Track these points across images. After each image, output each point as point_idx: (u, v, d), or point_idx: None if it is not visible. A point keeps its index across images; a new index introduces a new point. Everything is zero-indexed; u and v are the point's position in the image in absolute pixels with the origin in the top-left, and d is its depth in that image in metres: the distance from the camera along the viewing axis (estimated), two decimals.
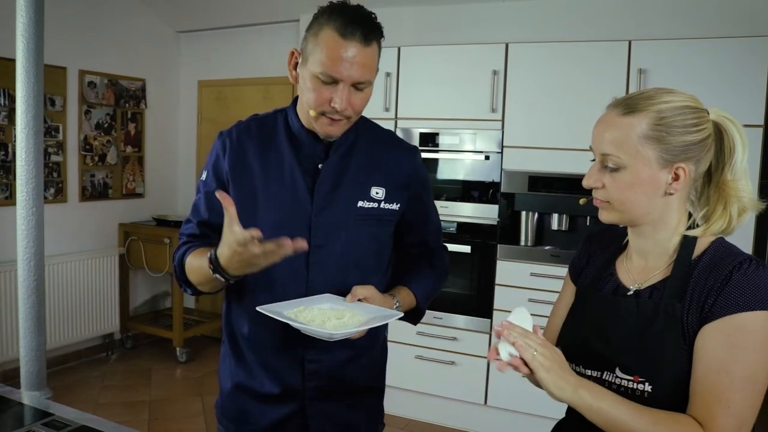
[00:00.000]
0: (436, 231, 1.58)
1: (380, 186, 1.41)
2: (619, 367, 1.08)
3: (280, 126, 1.43)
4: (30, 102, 1.63)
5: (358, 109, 1.32)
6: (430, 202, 1.55)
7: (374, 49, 1.30)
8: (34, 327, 1.66)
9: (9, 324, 3.75)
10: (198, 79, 4.95)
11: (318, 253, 1.36)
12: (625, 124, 1.06)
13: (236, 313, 1.45)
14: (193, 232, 1.45)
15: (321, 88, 1.27)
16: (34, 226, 1.65)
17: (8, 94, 3.80)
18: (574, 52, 3.16)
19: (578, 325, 1.19)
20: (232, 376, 1.46)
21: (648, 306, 1.08)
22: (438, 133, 3.50)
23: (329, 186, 1.38)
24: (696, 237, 1.09)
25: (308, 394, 1.41)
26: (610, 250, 1.23)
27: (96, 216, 4.42)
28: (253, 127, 1.44)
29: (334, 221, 1.37)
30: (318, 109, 1.29)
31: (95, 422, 1.34)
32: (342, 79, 1.26)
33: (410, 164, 1.48)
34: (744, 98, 2.77)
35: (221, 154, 1.41)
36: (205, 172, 1.45)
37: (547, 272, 3.21)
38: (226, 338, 1.49)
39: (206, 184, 1.43)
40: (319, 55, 1.26)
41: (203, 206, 1.43)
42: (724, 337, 0.99)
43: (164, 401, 3.77)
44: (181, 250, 1.42)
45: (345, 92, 1.27)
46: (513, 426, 3.36)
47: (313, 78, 1.28)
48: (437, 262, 1.56)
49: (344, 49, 1.24)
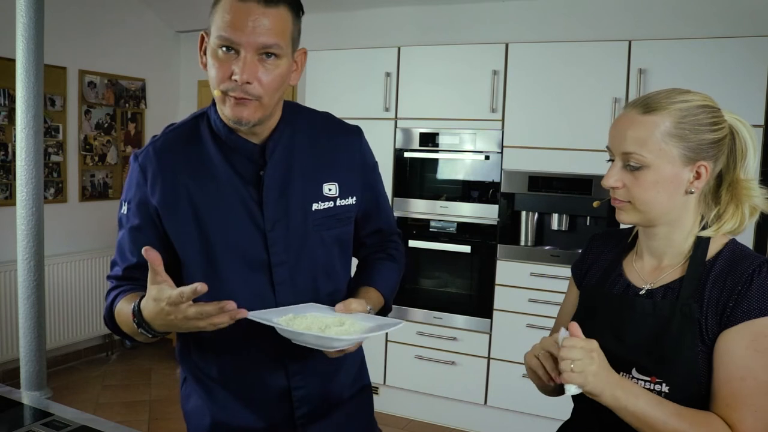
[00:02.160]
0: (390, 217, 1.46)
1: (332, 181, 1.28)
2: (635, 368, 1.08)
3: (204, 133, 1.25)
4: (30, 102, 1.64)
5: (268, 86, 1.14)
6: (380, 187, 1.42)
7: (281, 12, 1.13)
8: (34, 327, 1.66)
9: (9, 324, 3.74)
10: (198, 79, 4.94)
11: (281, 271, 1.24)
12: (649, 123, 1.06)
13: (197, 355, 1.30)
14: (118, 275, 1.26)
15: (222, 62, 1.12)
16: (34, 226, 1.65)
17: (8, 94, 3.79)
18: (574, 52, 3.16)
19: (590, 327, 1.18)
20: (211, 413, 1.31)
21: (665, 306, 1.07)
22: (438, 133, 3.50)
23: (277, 194, 1.23)
24: (709, 238, 1.09)
25: (299, 422, 1.30)
26: (615, 250, 1.23)
27: (96, 216, 4.42)
28: (173, 142, 1.25)
29: (293, 233, 1.24)
30: (221, 87, 1.13)
31: (95, 422, 1.34)
32: (240, 44, 1.10)
33: (358, 149, 1.35)
34: (744, 98, 2.77)
35: (142, 183, 1.23)
36: (126, 205, 1.25)
37: (547, 272, 3.21)
38: (191, 380, 1.34)
39: (128, 219, 1.24)
40: (217, 21, 1.11)
41: (128, 247, 1.24)
42: (748, 342, 0.99)
43: (164, 401, 3.77)
44: (110, 297, 1.24)
45: (245, 60, 1.10)
46: (513, 426, 3.36)
47: (213, 52, 1.13)
48: (394, 252, 1.44)
49: (242, 10, 1.09)
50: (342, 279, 1.34)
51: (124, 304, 1.19)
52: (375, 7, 3.95)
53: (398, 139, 3.55)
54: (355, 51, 3.63)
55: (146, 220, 1.23)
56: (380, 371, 3.60)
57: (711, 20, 3.16)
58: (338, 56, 3.62)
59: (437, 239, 3.52)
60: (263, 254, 1.23)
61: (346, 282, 1.36)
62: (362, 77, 3.58)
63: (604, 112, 3.05)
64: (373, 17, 3.96)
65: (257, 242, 1.22)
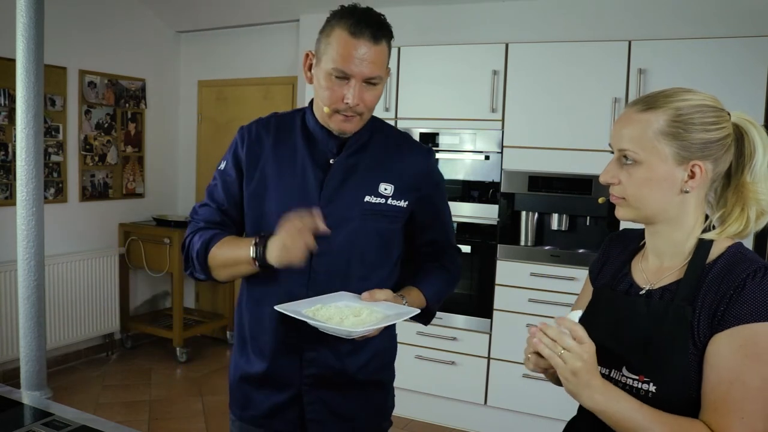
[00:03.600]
0: (448, 232, 1.59)
1: (389, 183, 1.45)
2: (626, 366, 1.08)
3: (297, 123, 1.49)
4: (30, 102, 1.63)
5: (369, 105, 1.38)
6: (442, 203, 1.57)
7: (383, 48, 1.36)
8: (34, 327, 1.66)
9: (9, 324, 3.75)
10: (198, 79, 4.95)
11: (322, 242, 1.36)
12: (643, 120, 1.06)
13: (244, 299, 1.52)
14: (212, 218, 1.49)
15: (334, 85, 1.34)
16: (34, 226, 1.65)
17: (8, 94, 3.80)
18: (574, 52, 3.16)
19: (593, 324, 1.18)
20: (237, 365, 1.53)
21: (658, 307, 1.08)
22: (438, 133, 3.50)
23: (338, 180, 1.42)
24: (712, 240, 1.08)
25: (305, 381, 1.44)
26: (628, 251, 1.23)
27: (96, 216, 4.42)
28: (272, 123, 1.51)
29: (340, 213, 1.41)
30: (332, 106, 1.36)
31: (95, 422, 1.34)
32: (353, 75, 1.32)
33: (423, 165, 1.51)
34: (744, 98, 2.77)
35: (240, 145, 1.49)
36: (224, 162, 1.51)
37: (547, 272, 3.21)
38: (236, 327, 1.56)
39: (224, 173, 1.49)
40: (332, 53, 1.33)
41: (221, 193, 1.49)
42: (737, 348, 0.98)
43: (164, 401, 3.77)
44: (207, 235, 1.45)
45: (356, 88, 1.33)
46: (513, 426, 3.36)
47: (327, 76, 1.35)
48: (449, 264, 1.57)
49: (355, 47, 1.31)
50: (377, 268, 1.46)
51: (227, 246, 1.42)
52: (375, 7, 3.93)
53: None
54: None
55: (238, 175, 1.48)
56: None
57: (711, 20, 3.16)
58: None
59: None
60: None
61: (383, 274, 1.47)
62: None
63: (604, 112, 3.06)
64: None
65: None
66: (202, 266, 1.45)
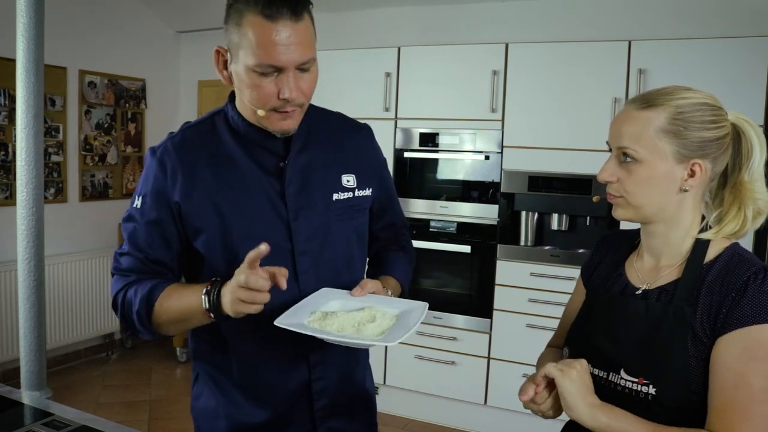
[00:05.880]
0: (400, 212, 1.51)
1: (350, 173, 1.32)
2: (624, 368, 1.07)
3: (222, 129, 1.27)
4: (30, 102, 1.63)
5: (308, 93, 1.19)
6: (391, 182, 1.47)
7: (307, 23, 1.14)
8: (34, 327, 1.66)
9: (9, 324, 3.75)
10: (198, 79, 4.94)
11: (305, 261, 1.25)
12: (643, 118, 1.05)
13: (219, 356, 1.30)
14: (139, 268, 1.23)
15: (262, 82, 1.13)
16: (34, 226, 1.65)
17: (8, 94, 3.80)
18: (574, 52, 3.16)
19: (587, 325, 1.18)
20: (225, 414, 1.30)
21: (657, 308, 1.07)
22: (438, 133, 3.50)
23: (298, 185, 1.25)
24: (709, 240, 1.08)
25: (318, 414, 1.31)
26: (621, 251, 1.22)
27: (96, 216, 4.42)
28: (191, 137, 1.26)
29: (315, 222, 1.26)
30: (266, 107, 1.16)
31: (95, 422, 1.34)
32: (283, 65, 1.11)
33: (370, 144, 1.40)
34: (744, 98, 2.77)
35: (161, 177, 1.22)
36: (140, 199, 1.24)
37: (547, 272, 3.21)
38: (206, 380, 1.34)
39: (144, 213, 1.23)
40: (249, 45, 1.11)
41: (145, 241, 1.23)
42: (741, 350, 0.98)
43: (164, 401, 3.77)
44: (145, 289, 1.20)
45: (291, 79, 1.13)
46: (513, 426, 3.36)
47: (250, 73, 1.13)
48: (406, 244, 1.49)
49: (274, 31, 1.09)
50: (360, 271, 1.37)
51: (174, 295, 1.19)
52: (375, 7, 3.95)
53: (398, 139, 3.55)
54: (355, 51, 3.63)
55: (165, 213, 1.22)
56: (380, 371, 3.60)
57: (711, 20, 3.16)
58: (338, 56, 3.62)
59: (437, 239, 3.52)
60: (287, 244, 1.24)
61: (362, 275, 1.38)
62: (362, 77, 3.58)
63: (604, 112, 3.05)
64: (373, 17, 3.96)
65: (281, 232, 1.23)
66: (146, 326, 1.21)
